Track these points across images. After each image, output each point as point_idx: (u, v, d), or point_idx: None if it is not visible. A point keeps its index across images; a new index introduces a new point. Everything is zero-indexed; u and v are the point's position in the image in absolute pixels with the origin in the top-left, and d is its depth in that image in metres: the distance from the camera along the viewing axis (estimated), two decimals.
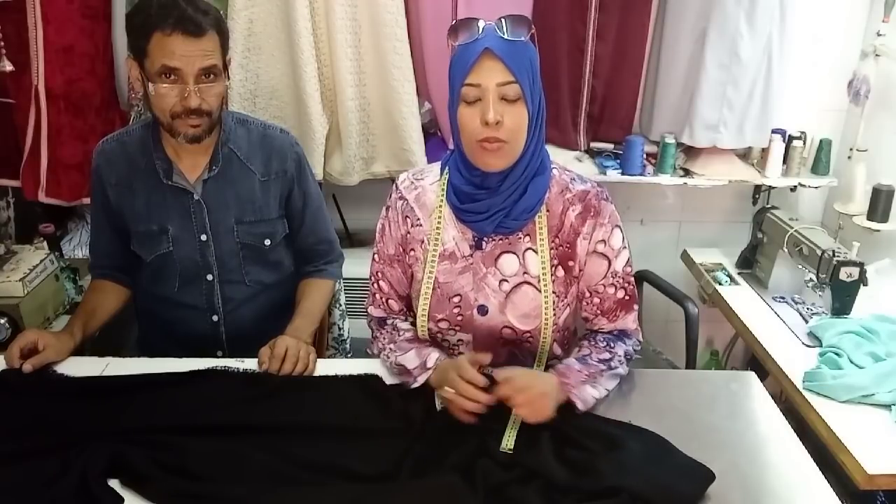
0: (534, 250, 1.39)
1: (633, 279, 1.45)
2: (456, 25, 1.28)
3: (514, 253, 1.40)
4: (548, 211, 1.39)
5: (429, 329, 1.47)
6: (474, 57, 1.24)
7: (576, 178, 1.43)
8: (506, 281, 1.40)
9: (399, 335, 1.47)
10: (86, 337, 1.61)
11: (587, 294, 1.44)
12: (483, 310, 1.42)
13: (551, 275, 1.39)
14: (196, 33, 1.44)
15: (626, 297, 1.44)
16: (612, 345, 1.43)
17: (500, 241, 1.40)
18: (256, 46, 2.27)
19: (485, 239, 1.40)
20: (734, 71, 2.33)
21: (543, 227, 1.38)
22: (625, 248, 1.43)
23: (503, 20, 1.25)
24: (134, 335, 1.86)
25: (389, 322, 1.52)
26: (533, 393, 1.24)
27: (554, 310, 1.40)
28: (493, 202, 1.34)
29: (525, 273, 1.40)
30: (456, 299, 1.43)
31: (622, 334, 1.46)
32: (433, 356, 1.39)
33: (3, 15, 2.02)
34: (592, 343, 1.43)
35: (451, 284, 1.42)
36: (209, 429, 1.28)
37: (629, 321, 1.46)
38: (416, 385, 1.37)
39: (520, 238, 1.39)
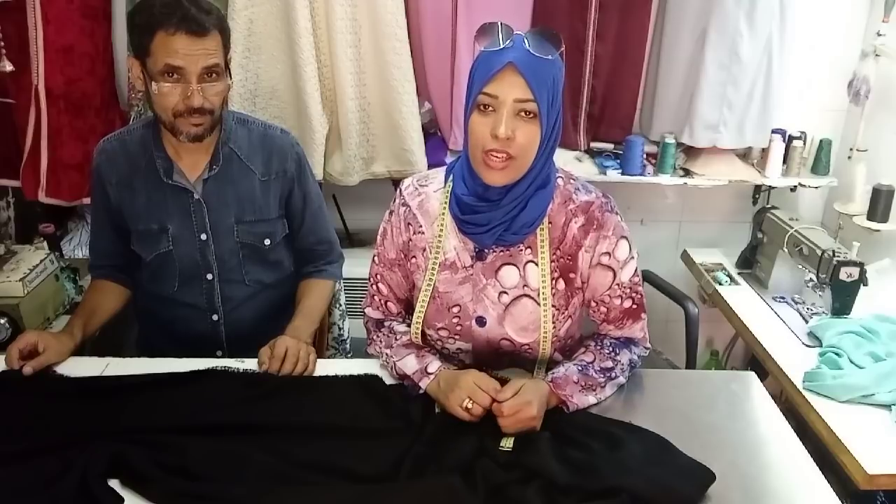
0: (534, 263, 1.37)
1: (641, 288, 1.43)
2: (483, 29, 1.24)
3: (515, 265, 1.38)
4: (550, 223, 1.36)
5: (429, 336, 1.46)
6: (497, 67, 1.20)
7: (580, 189, 1.39)
8: (505, 293, 1.39)
9: (396, 339, 1.46)
10: (86, 337, 1.61)
11: (593, 303, 1.43)
12: (481, 321, 1.41)
13: (551, 288, 1.38)
14: (200, 32, 1.44)
15: (634, 307, 1.43)
16: (617, 352, 1.42)
17: (502, 253, 1.38)
18: (256, 46, 2.28)
19: (486, 250, 1.38)
20: (734, 71, 2.33)
21: (545, 239, 1.36)
22: (632, 258, 1.40)
23: (532, 33, 1.22)
24: (134, 335, 1.86)
25: (386, 324, 1.51)
26: (521, 419, 1.25)
27: (554, 323, 1.39)
28: (493, 215, 1.32)
29: (525, 286, 1.38)
30: (455, 309, 1.42)
31: (629, 341, 1.46)
32: (435, 363, 1.39)
33: (3, 15, 2.02)
34: (598, 348, 1.43)
35: (450, 294, 1.41)
36: (209, 429, 1.28)
37: (636, 329, 1.45)
38: (421, 391, 1.37)
39: (521, 250, 1.37)
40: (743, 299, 2.23)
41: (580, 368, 1.37)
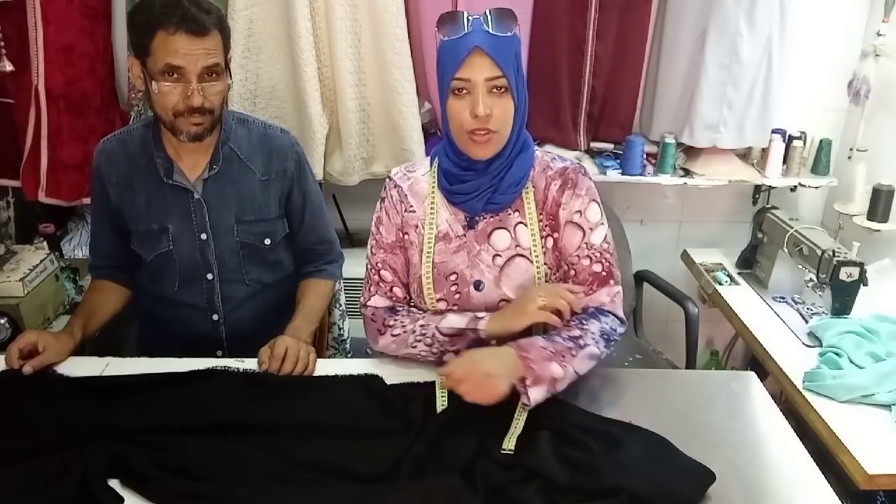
0: (524, 224, 1.43)
1: (611, 256, 1.43)
2: (443, 18, 1.31)
3: (506, 228, 1.44)
4: (533, 187, 1.44)
5: (433, 309, 1.47)
6: (464, 53, 1.28)
7: (556, 158, 1.48)
8: (499, 255, 1.44)
9: (421, 314, 1.46)
10: (86, 337, 1.61)
11: (565, 267, 1.46)
12: (479, 285, 1.44)
13: (542, 246, 1.43)
14: (199, 32, 1.44)
15: (603, 273, 1.43)
16: (585, 322, 1.39)
17: (491, 219, 1.44)
18: (256, 46, 2.28)
19: (476, 217, 1.44)
20: (734, 71, 2.33)
21: (531, 202, 1.43)
22: (603, 224, 1.44)
23: (489, 14, 1.29)
24: (134, 335, 1.86)
25: (401, 308, 1.50)
26: (475, 378, 1.25)
27: (547, 280, 1.43)
28: (481, 181, 1.39)
29: (517, 246, 1.44)
30: (452, 277, 1.45)
31: (598, 311, 1.43)
32: (480, 313, 1.40)
33: (3, 15, 2.03)
34: (564, 323, 1.40)
35: (446, 264, 1.45)
36: (209, 429, 1.28)
37: (603, 294, 1.43)
38: (482, 326, 1.37)
39: (509, 214, 1.44)
40: (743, 299, 2.23)
41: (547, 337, 1.35)
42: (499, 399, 1.25)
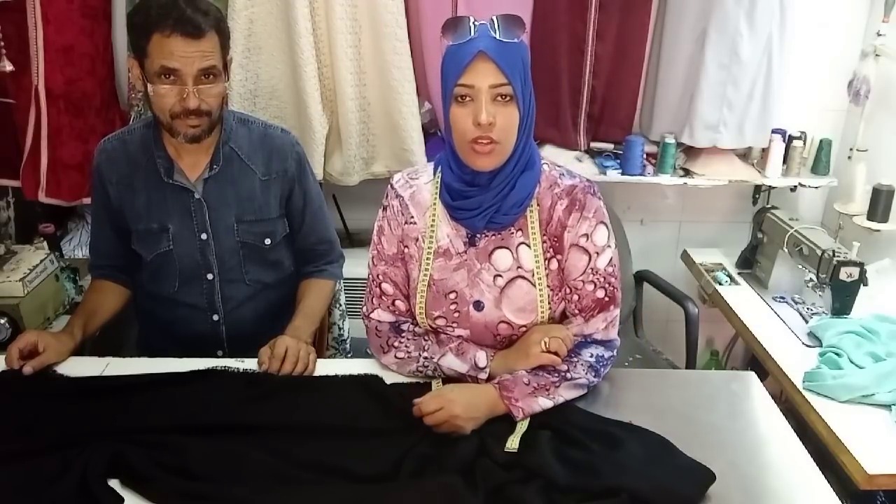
0: (526, 244, 1.39)
1: (615, 280, 1.41)
2: (449, 24, 1.28)
3: (507, 248, 1.40)
4: (538, 205, 1.39)
5: (427, 326, 1.47)
6: (468, 58, 1.24)
7: (565, 174, 1.41)
8: (500, 276, 1.40)
9: (426, 339, 1.46)
10: (86, 337, 1.61)
11: (568, 290, 1.42)
12: (479, 305, 1.42)
13: (545, 268, 1.39)
14: (195, 34, 1.44)
15: (606, 299, 1.40)
16: (573, 356, 1.38)
17: (493, 237, 1.40)
18: (256, 46, 2.28)
19: (478, 235, 1.40)
20: (734, 71, 2.33)
21: (535, 221, 1.39)
22: (610, 246, 1.40)
23: (496, 20, 1.26)
24: (134, 335, 1.86)
25: (406, 327, 1.49)
26: (441, 417, 1.27)
27: (549, 303, 1.40)
28: (483, 198, 1.34)
29: (519, 267, 1.40)
30: (452, 296, 1.43)
31: (591, 341, 1.41)
32: (481, 356, 1.40)
33: (3, 15, 2.03)
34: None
35: (446, 281, 1.43)
36: (209, 429, 1.28)
37: (599, 319, 1.41)
38: (482, 377, 1.39)
39: (512, 233, 1.39)
40: (743, 299, 2.23)
41: (532, 371, 1.35)
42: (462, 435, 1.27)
